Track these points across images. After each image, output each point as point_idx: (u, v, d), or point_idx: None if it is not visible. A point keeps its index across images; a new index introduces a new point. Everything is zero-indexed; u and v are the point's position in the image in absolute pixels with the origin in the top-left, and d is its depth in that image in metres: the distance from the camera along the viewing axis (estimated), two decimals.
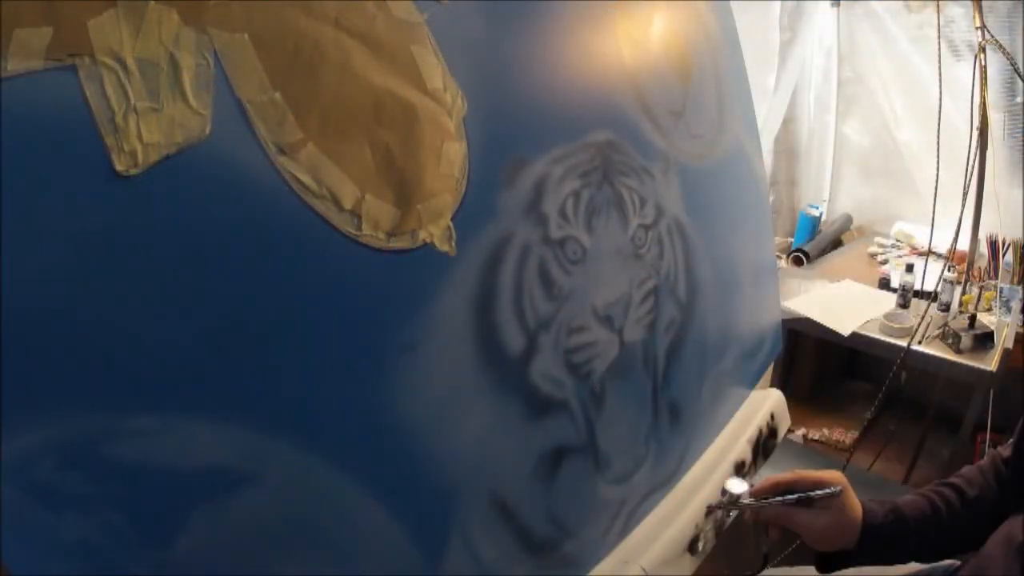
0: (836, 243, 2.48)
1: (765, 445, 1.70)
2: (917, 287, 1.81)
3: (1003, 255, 1.92)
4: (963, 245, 1.80)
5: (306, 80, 0.55)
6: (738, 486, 0.70)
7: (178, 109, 0.48)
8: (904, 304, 1.77)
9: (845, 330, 1.67)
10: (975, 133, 1.70)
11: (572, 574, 0.86)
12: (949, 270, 1.79)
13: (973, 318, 1.65)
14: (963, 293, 1.78)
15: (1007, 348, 1.64)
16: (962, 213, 1.66)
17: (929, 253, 1.88)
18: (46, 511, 0.43)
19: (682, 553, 1.08)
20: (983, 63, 1.66)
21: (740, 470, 1.48)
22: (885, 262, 2.20)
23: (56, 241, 0.43)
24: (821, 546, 0.74)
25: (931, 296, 1.72)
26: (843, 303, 1.85)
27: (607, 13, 0.89)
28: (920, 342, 1.61)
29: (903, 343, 1.62)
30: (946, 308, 1.74)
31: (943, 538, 0.74)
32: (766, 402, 1.27)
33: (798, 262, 2.22)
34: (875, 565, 0.81)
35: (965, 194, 1.67)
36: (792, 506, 0.71)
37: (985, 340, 1.61)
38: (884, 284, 2.02)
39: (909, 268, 1.82)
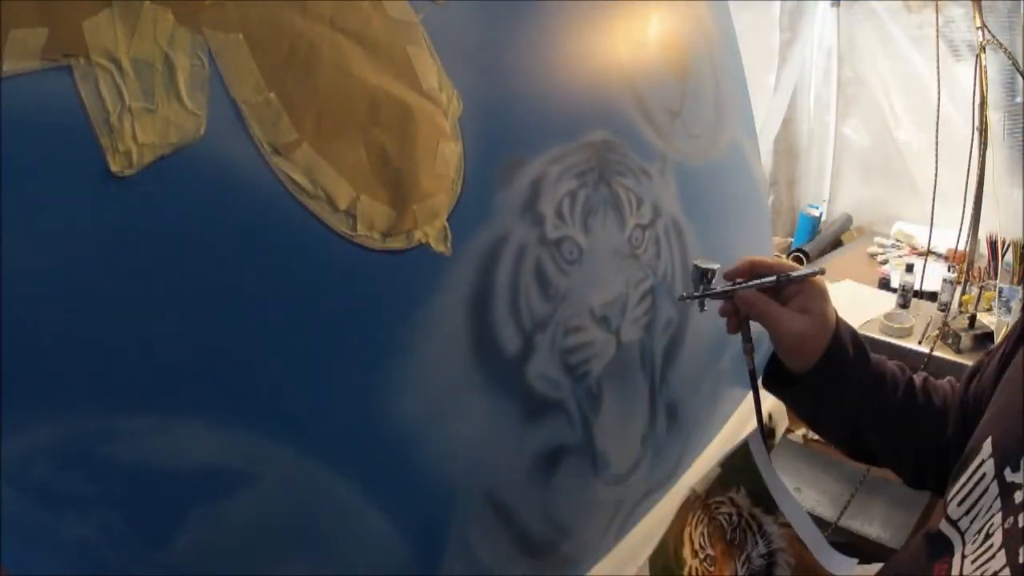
0: (836, 243, 2.48)
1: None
2: (917, 287, 1.81)
3: (1003, 255, 1.92)
4: (963, 245, 1.80)
5: (301, 80, 0.55)
6: (709, 263, 0.56)
7: (173, 109, 0.48)
8: (904, 304, 1.77)
9: None
10: (975, 133, 1.70)
11: (570, 575, 0.86)
12: (949, 270, 1.79)
13: (973, 318, 1.65)
14: (963, 293, 1.78)
15: None
16: (963, 213, 1.66)
17: (929, 253, 1.88)
18: (45, 511, 0.44)
19: None
20: (983, 63, 1.66)
21: None
22: (885, 262, 2.20)
23: (51, 242, 0.44)
24: (790, 356, 0.67)
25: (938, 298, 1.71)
26: (843, 303, 1.85)
27: (604, 13, 0.89)
28: (920, 342, 1.61)
29: (903, 343, 1.62)
30: (946, 308, 1.74)
31: (882, 413, 0.66)
32: (764, 402, 1.27)
33: (798, 262, 2.22)
34: (812, 404, 0.72)
35: (965, 194, 1.67)
36: (771, 294, 0.61)
37: (985, 340, 1.61)
38: (884, 284, 2.02)
39: (909, 268, 1.82)
